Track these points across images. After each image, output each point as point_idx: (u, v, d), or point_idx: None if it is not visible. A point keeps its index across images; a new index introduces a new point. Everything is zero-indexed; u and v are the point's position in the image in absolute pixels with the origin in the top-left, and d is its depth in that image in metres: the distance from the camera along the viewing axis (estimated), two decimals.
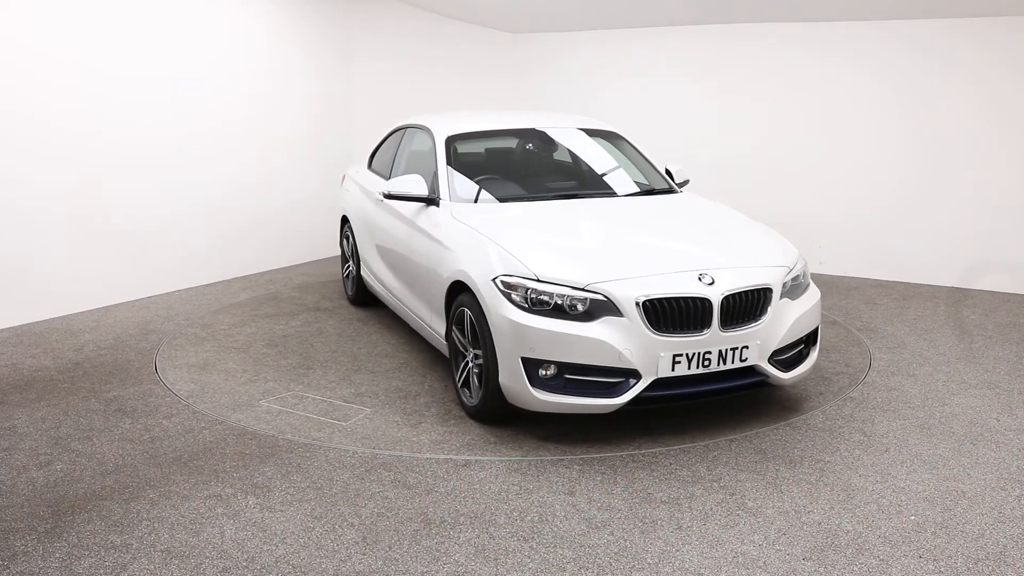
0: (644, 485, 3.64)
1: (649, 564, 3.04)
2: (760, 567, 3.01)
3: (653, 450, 4.00)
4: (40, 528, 3.28)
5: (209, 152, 7.36)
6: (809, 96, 8.08)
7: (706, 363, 3.93)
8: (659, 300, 3.86)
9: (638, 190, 5.38)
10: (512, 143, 5.89)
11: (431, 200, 5.04)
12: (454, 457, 3.91)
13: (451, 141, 5.43)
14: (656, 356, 3.84)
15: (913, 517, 3.37)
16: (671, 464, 3.85)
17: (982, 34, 7.16)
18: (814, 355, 4.49)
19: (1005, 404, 4.63)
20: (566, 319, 3.87)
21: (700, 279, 3.95)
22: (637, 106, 8.86)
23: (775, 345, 4.10)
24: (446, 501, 3.50)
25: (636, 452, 3.97)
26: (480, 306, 4.10)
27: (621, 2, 8.10)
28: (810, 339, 4.46)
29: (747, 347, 4.00)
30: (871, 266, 7.96)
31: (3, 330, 5.93)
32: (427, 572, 2.99)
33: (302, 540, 3.19)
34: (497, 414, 4.20)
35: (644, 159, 5.74)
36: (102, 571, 2.99)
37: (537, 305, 3.91)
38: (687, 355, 3.88)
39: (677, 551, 3.12)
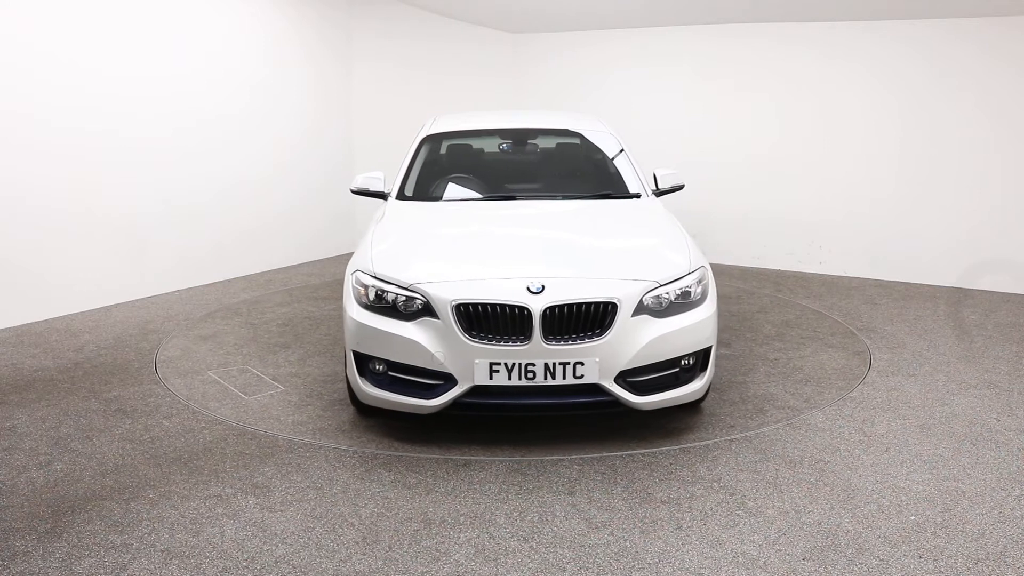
0: (644, 485, 3.64)
1: (649, 564, 3.03)
2: (760, 567, 3.01)
3: (653, 450, 4.00)
4: (40, 528, 3.28)
5: (210, 152, 7.36)
6: (809, 96, 8.08)
7: (530, 376, 3.71)
8: (474, 305, 3.72)
9: (592, 194, 5.11)
10: (491, 143, 5.93)
11: (382, 195, 5.24)
12: (454, 457, 3.91)
13: (428, 140, 5.57)
14: (472, 362, 3.71)
15: (913, 517, 3.37)
16: (671, 464, 3.85)
17: (982, 34, 7.17)
18: (698, 383, 4.03)
19: (1005, 404, 4.63)
20: (396, 318, 3.87)
21: (529, 288, 3.74)
22: (637, 106, 8.87)
23: (623, 365, 3.77)
24: (446, 501, 3.50)
25: (636, 452, 3.97)
26: None
27: (621, 2, 8.10)
28: (698, 363, 4.03)
29: (582, 363, 3.72)
30: (871, 266, 7.96)
31: (3, 330, 5.93)
32: (427, 572, 2.99)
33: (302, 540, 3.19)
34: (354, 403, 4.32)
35: (626, 161, 5.45)
36: (102, 571, 2.99)
37: (377, 301, 3.96)
38: (506, 364, 3.69)
39: (677, 551, 3.12)
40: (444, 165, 5.62)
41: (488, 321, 3.73)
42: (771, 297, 7.05)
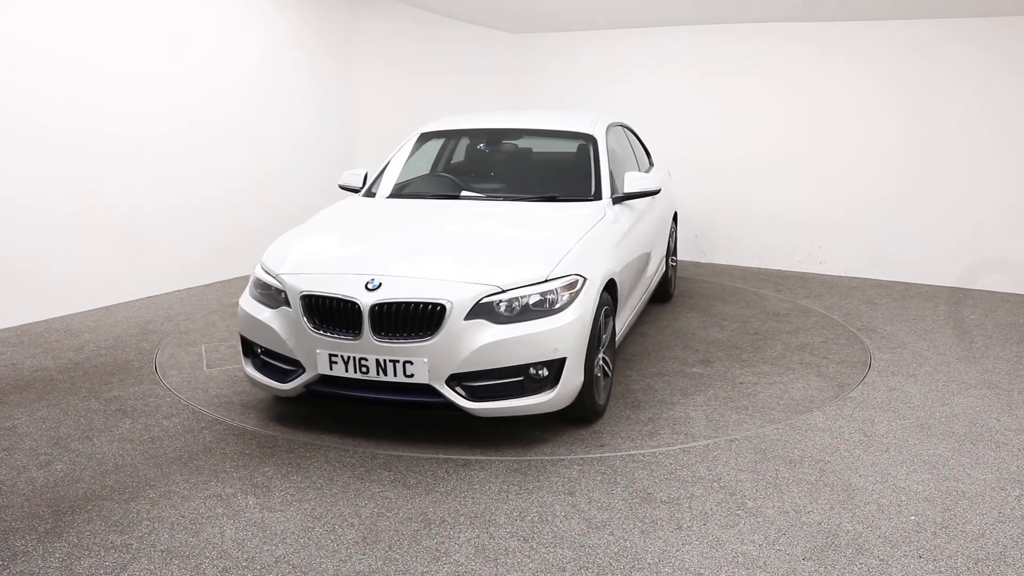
0: (644, 485, 3.64)
1: (649, 564, 3.03)
2: (760, 567, 3.01)
3: (653, 450, 4.00)
4: (40, 528, 3.28)
5: (210, 152, 7.36)
6: (809, 96, 8.08)
7: (363, 370, 3.84)
8: (315, 297, 3.92)
9: (541, 196, 5.03)
10: (479, 143, 5.99)
11: (356, 190, 5.46)
12: (454, 457, 3.91)
13: (422, 138, 5.75)
14: (314, 352, 3.91)
15: (913, 517, 3.37)
16: (671, 464, 3.85)
17: (982, 34, 7.17)
18: (547, 395, 3.85)
19: (1005, 404, 4.63)
20: (268, 306, 4.14)
21: (367, 285, 3.84)
22: (637, 106, 8.86)
23: (454, 368, 3.75)
24: (446, 501, 3.50)
25: (636, 452, 3.97)
26: None
27: (621, 2, 8.10)
28: (551, 374, 3.85)
29: (411, 362, 3.76)
30: (871, 266, 7.96)
31: (3, 330, 5.93)
32: (427, 572, 2.99)
33: (302, 540, 3.19)
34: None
35: (596, 165, 5.27)
36: (102, 571, 2.99)
37: (261, 289, 4.24)
38: (343, 357, 3.85)
39: (677, 551, 3.12)
40: (420, 165, 5.71)
41: (326, 314, 3.91)
42: (819, 317, 6.55)
